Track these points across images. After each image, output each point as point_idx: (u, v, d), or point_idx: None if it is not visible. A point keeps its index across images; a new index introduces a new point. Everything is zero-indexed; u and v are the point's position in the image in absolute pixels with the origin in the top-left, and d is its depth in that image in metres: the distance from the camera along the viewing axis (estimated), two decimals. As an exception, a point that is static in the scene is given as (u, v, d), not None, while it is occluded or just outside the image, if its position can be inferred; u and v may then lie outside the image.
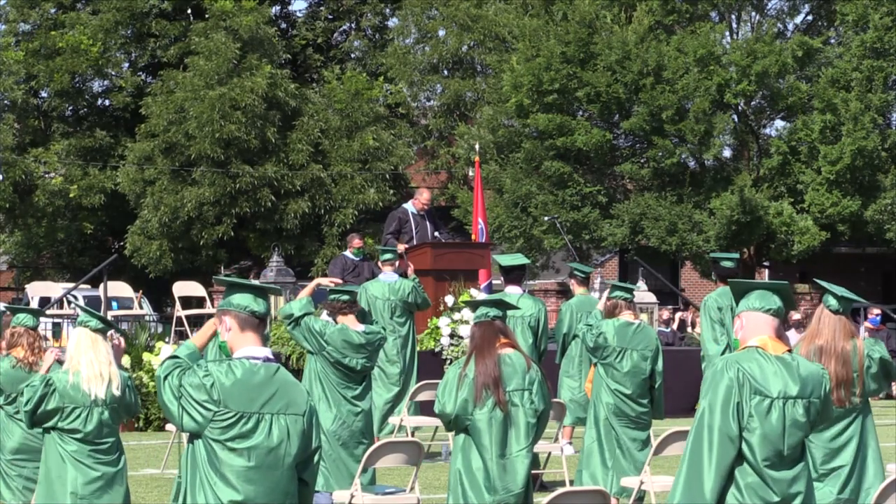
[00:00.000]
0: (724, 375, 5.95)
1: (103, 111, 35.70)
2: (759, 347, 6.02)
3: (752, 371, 5.95)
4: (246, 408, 5.80)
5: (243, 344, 5.92)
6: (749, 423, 5.90)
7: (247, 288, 6.00)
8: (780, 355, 6.01)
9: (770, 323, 6.07)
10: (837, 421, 8.47)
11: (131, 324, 21.50)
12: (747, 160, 30.52)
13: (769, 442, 5.90)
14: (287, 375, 5.96)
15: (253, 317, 5.93)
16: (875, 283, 36.08)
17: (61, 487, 8.48)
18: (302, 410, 5.89)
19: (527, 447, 8.41)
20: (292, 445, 5.86)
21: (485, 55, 33.29)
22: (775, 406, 5.93)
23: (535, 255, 29.76)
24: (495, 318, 8.44)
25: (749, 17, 31.10)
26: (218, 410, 5.77)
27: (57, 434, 8.50)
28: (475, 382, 8.31)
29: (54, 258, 35.32)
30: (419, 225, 18.95)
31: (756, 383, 5.93)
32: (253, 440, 5.79)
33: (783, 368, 5.99)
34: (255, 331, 5.94)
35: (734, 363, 5.97)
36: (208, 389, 5.78)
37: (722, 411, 5.90)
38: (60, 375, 8.50)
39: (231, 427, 5.78)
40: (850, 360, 8.40)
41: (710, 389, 5.95)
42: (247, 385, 5.82)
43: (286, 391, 5.89)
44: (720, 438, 5.88)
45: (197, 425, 5.79)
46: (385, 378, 15.31)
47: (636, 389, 11.59)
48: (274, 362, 5.95)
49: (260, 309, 5.95)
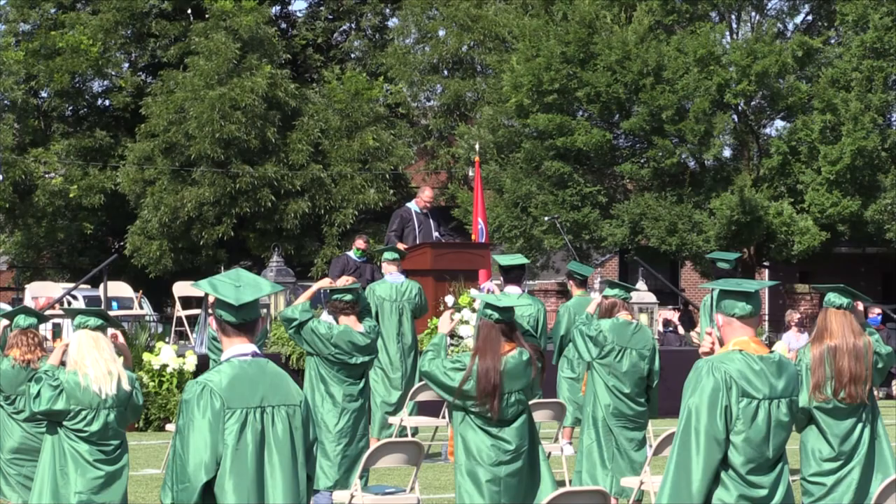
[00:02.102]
0: (711, 377, 5.95)
1: (103, 111, 35.70)
2: (740, 349, 6.04)
3: (737, 373, 5.96)
4: (248, 403, 5.84)
5: (229, 345, 5.96)
6: (735, 424, 5.91)
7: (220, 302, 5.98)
8: (762, 356, 6.03)
9: (744, 326, 6.10)
10: (850, 416, 8.46)
11: (131, 324, 21.49)
12: (747, 160, 30.51)
13: (753, 444, 5.92)
14: (275, 369, 6.03)
15: (231, 325, 5.95)
16: (875, 283, 36.08)
17: (65, 486, 8.47)
18: (298, 401, 5.96)
19: (524, 450, 8.41)
20: (297, 437, 5.92)
21: (485, 55, 33.29)
22: (762, 407, 5.95)
23: (535, 255, 29.76)
24: (499, 320, 8.35)
25: (749, 17, 31.09)
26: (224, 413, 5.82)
27: (63, 432, 8.48)
28: (476, 387, 8.27)
29: (54, 258, 35.30)
30: (422, 223, 18.89)
31: (742, 385, 5.94)
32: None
33: (766, 369, 6.01)
34: (239, 334, 5.96)
35: (719, 365, 5.98)
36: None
37: (709, 413, 5.90)
38: (69, 376, 8.47)
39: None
40: (862, 355, 8.41)
41: (695, 391, 5.96)
42: (242, 381, 5.86)
43: (279, 384, 5.95)
44: (707, 441, 5.89)
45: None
46: (388, 381, 15.31)
47: (634, 389, 11.60)
48: (261, 357, 6.00)
49: (236, 320, 5.93)
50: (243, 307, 5.89)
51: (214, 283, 5.99)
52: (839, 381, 8.37)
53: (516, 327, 8.44)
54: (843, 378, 8.37)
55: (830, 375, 8.34)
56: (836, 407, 8.36)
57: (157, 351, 18.23)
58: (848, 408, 8.36)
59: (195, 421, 5.77)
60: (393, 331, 15.24)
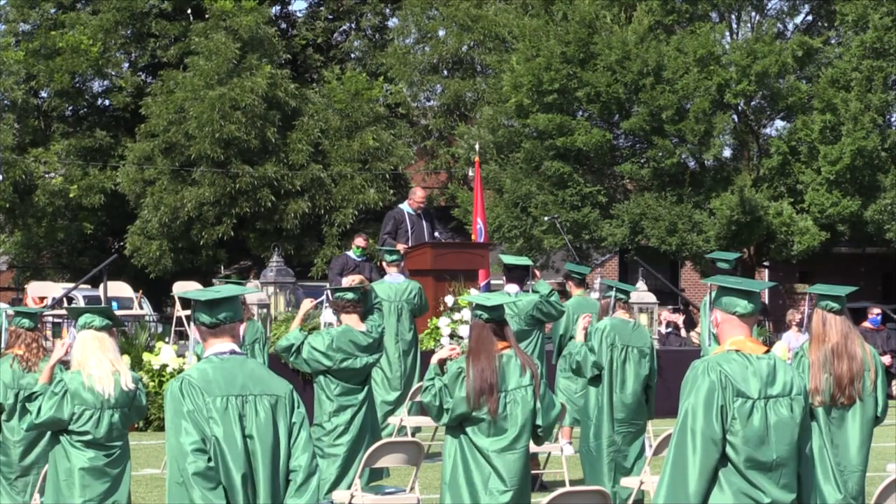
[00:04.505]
0: (706, 378, 5.95)
1: (103, 111, 35.71)
2: (737, 349, 6.04)
3: (732, 373, 5.96)
4: (228, 391, 6.03)
5: (208, 346, 6.20)
6: (732, 425, 5.91)
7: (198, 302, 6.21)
8: (758, 355, 6.03)
9: (742, 325, 6.10)
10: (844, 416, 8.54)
11: (131, 324, 21.49)
12: (747, 160, 30.52)
13: (752, 443, 5.91)
14: (257, 363, 6.25)
15: (207, 327, 6.18)
16: (875, 283, 36.08)
17: (69, 491, 8.45)
18: (282, 392, 6.14)
19: (523, 448, 8.37)
20: (282, 427, 6.08)
21: (485, 55, 33.29)
22: (757, 407, 5.94)
23: (535, 255, 29.75)
24: (489, 320, 8.32)
25: (749, 17, 31.10)
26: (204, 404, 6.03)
27: (67, 438, 8.46)
28: (472, 388, 8.24)
29: (54, 258, 35.31)
30: (415, 224, 18.85)
31: (737, 385, 5.94)
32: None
33: (762, 368, 6.00)
34: (216, 336, 6.18)
35: (715, 366, 5.98)
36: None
37: (705, 414, 5.90)
38: (73, 375, 8.46)
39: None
40: (859, 356, 8.49)
41: (691, 392, 5.96)
42: (220, 374, 6.07)
43: (260, 375, 6.15)
44: (703, 442, 5.89)
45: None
46: (387, 381, 15.32)
47: (635, 388, 11.60)
48: (240, 354, 6.17)
49: (211, 320, 6.14)
50: (216, 306, 6.10)
51: (190, 291, 6.36)
52: (839, 385, 8.45)
53: (507, 326, 8.42)
54: (842, 382, 8.45)
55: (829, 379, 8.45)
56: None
57: (157, 351, 18.23)
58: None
59: (180, 412, 6.02)
60: (391, 331, 15.24)
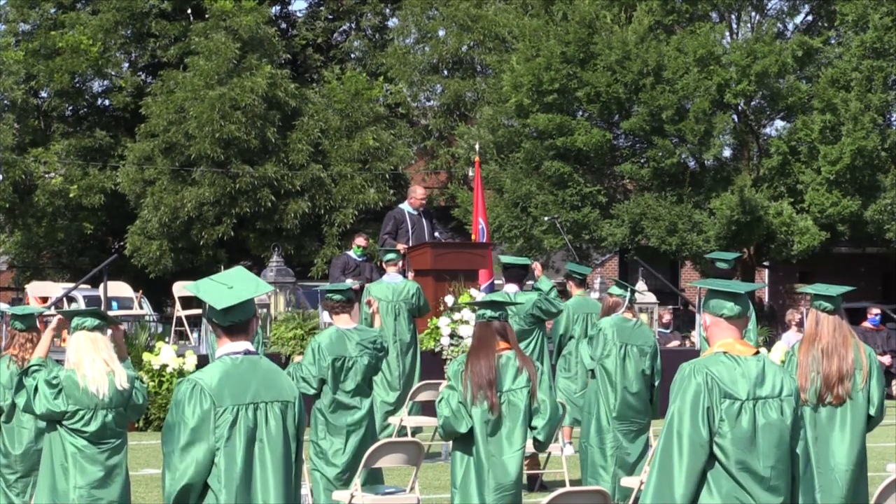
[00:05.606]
0: (693, 380, 5.94)
1: (103, 111, 35.70)
2: (725, 351, 6.03)
3: (720, 374, 5.94)
4: (239, 400, 5.89)
5: (222, 345, 6.03)
6: (720, 427, 5.90)
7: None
8: (746, 357, 6.02)
9: (730, 327, 6.09)
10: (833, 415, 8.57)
11: (131, 324, 21.50)
12: (747, 160, 30.52)
13: (741, 445, 5.89)
14: (269, 364, 6.08)
15: (221, 327, 6.01)
16: (875, 283, 36.08)
17: (65, 482, 8.48)
18: (291, 397, 6.02)
19: (520, 448, 8.39)
20: (290, 434, 5.98)
21: (485, 55, 33.29)
22: (745, 408, 5.93)
23: (535, 255, 29.75)
24: (492, 318, 8.38)
25: (749, 17, 31.10)
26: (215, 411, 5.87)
27: (62, 430, 8.50)
28: (471, 383, 8.29)
29: (54, 258, 35.30)
30: (416, 224, 18.81)
31: (724, 386, 5.93)
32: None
33: (751, 370, 5.99)
34: (231, 335, 6.00)
35: (702, 367, 5.97)
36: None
37: (691, 417, 5.89)
38: (68, 373, 8.48)
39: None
40: (850, 356, 8.50)
41: (678, 395, 5.95)
42: (233, 378, 5.92)
43: (272, 380, 6.01)
44: (690, 445, 5.87)
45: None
46: (386, 381, 15.32)
47: (637, 387, 11.59)
48: (254, 354, 6.04)
49: (225, 322, 5.98)
50: (230, 310, 5.93)
51: (200, 286, 6.04)
52: (826, 384, 8.48)
53: (510, 327, 8.47)
54: (830, 381, 8.48)
55: (817, 378, 8.49)
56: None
57: (157, 351, 18.24)
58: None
59: (186, 421, 5.83)
60: (389, 331, 15.23)
